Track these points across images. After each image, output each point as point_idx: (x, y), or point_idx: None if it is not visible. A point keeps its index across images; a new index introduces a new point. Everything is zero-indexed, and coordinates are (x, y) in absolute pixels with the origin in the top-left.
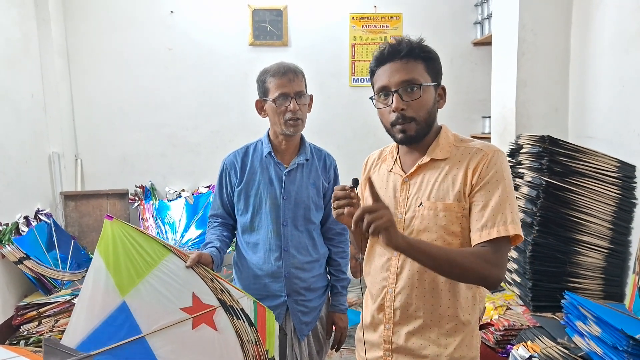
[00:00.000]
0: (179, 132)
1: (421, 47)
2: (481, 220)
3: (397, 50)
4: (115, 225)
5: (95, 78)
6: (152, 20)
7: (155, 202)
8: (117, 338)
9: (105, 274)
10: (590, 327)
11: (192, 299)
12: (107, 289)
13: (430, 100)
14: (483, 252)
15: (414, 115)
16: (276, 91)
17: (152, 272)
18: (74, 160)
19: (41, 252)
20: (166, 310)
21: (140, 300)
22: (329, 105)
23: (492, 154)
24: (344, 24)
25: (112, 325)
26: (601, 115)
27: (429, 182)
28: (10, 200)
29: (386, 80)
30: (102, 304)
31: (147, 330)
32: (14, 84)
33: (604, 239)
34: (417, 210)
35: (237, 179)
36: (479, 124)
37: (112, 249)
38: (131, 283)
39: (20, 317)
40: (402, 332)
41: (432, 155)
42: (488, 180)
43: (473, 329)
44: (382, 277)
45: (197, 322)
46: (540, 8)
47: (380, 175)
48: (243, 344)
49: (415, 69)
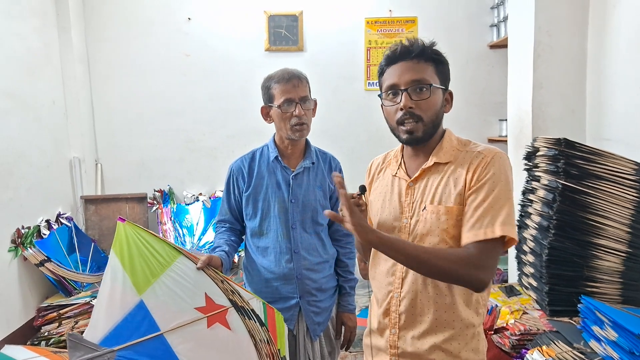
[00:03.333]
0: (196, 137)
1: (433, 50)
2: (470, 221)
3: (409, 50)
4: (128, 227)
5: (114, 84)
6: (169, 27)
7: (173, 206)
8: (138, 335)
9: (122, 273)
10: (606, 331)
11: (205, 299)
12: (125, 288)
13: (438, 102)
14: (466, 254)
15: (422, 114)
16: (281, 97)
17: (165, 273)
18: (94, 165)
19: (62, 254)
20: (181, 310)
21: (156, 299)
22: (344, 109)
23: (491, 156)
24: (359, 29)
25: (132, 323)
26: (618, 117)
27: (432, 186)
28: (32, 204)
29: (396, 78)
30: (121, 302)
31: (165, 327)
32: (36, 91)
33: (622, 242)
34: (420, 215)
35: (244, 184)
36: (496, 126)
37: (126, 250)
38: (147, 283)
39: (41, 319)
40: (408, 336)
41: (436, 158)
42: (484, 182)
43: (479, 332)
44: (388, 282)
45: (212, 321)
46: (556, 10)
47: (384, 180)
48: (256, 342)
49: (426, 70)
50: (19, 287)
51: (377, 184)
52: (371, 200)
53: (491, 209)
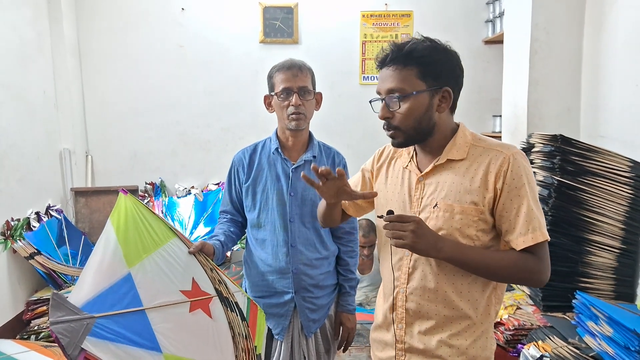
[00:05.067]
0: (190, 129)
1: (411, 52)
2: (518, 227)
3: (385, 57)
4: (129, 200)
5: (106, 76)
6: (163, 18)
7: (164, 199)
8: (120, 306)
9: (115, 243)
10: (602, 327)
11: (191, 284)
12: (115, 258)
13: (420, 107)
14: (524, 260)
15: (399, 124)
16: (280, 85)
17: (157, 251)
18: (84, 157)
19: (52, 247)
20: (167, 289)
21: (144, 274)
22: (339, 104)
23: (512, 156)
24: (355, 22)
25: (117, 293)
26: (614, 115)
27: (444, 183)
28: (21, 196)
29: (378, 86)
30: (108, 270)
31: (148, 304)
32: (27, 82)
33: (616, 239)
34: (431, 212)
35: (244, 176)
36: (490, 122)
37: (123, 222)
38: (137, 257)
39: (30, 312)
40: (415, 331)
41: (449, 155)
42: (515, 184)
43: (487, 330)
44: (395, 277)
45: (194, 307)
46: (553, 7)
47: (395, 172)
48: (234, 335)
49: (405, 77)
50: (8, 280)
51: (388, 173)
52: (378, 188)
53: (532, 212)
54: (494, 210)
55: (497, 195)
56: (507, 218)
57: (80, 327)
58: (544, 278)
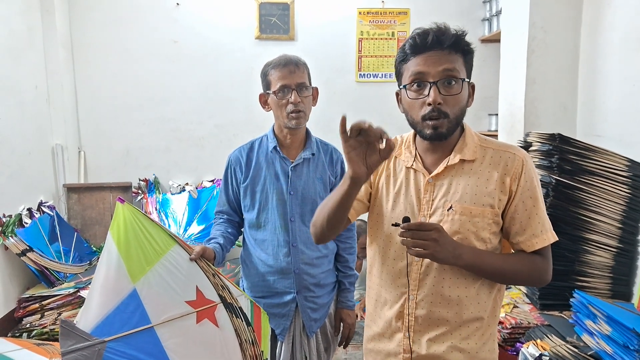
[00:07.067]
0: (184, 126)
1: (465, 40)
2: (529, 229)
3: (441, 39)
4: (127, 210)
5: (99, 70)
6: (157, 13)
7: (158, 196)
8: (129, 326)
9: (117, 257)
10: (600, 326)
11: (195, 293)
12: (119, 273)
13: (465, 97)
14: (534, 262)
15: (449, 111)
16: (277, 83)
17: (160, 262)
18: (77, 153)
19: (44, 244)
20: (172, 302)
21: (149, 289)
22: (334, 101)
23: (525, 158)
24: (351, 19)
25: (125, 312)
26: (610, 114)
27: (458, 185)
28: (13, 192)
29: (425, 68)
30: (115, 288)
31: (155, 319)
32: (18, 76)
33: (613, 238)
34: (445, 214)
35: (242, 175)
36: (485, 121)
37: (123, 234)
38: (141, 270)
39: (22, 310)
40: (423, 340)
41: (461, 155)
42: (529, 187)
43: (494, 332)
44: (401, 283)
45: (201, 317)
46: (551, 6)
47: (397, 170)
48: (242, 342)
49: (457, 62)
50: (0, 277)
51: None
52: (379, 187)
53: (544, 214)
54: (505, 212)
55: (511, 197)
56: (518, 220)
57: (92, 354)
58: (549, 277)
